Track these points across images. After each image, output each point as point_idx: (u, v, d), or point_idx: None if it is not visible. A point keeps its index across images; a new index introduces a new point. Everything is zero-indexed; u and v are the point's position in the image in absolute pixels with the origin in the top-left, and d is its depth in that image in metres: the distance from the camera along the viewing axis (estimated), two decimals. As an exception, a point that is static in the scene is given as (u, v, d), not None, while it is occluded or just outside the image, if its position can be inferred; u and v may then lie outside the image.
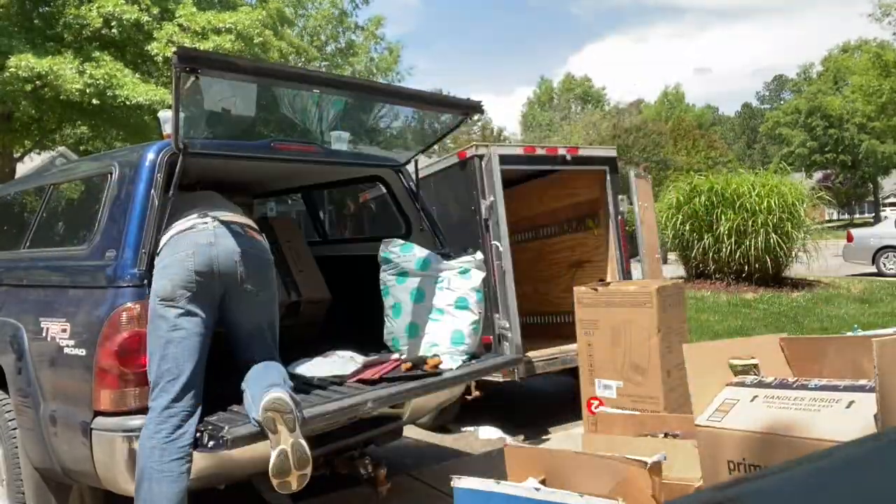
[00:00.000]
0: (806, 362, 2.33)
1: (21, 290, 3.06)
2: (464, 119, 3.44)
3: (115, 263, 2.50)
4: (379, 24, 27.65)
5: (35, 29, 12.77)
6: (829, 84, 41.57)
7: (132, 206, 2.57)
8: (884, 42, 31.73)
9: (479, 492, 2.28)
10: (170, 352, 2.31)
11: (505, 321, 4.34)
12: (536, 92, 57.53)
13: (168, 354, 2.31)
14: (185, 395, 2.29)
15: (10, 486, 2.84)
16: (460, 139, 27.53)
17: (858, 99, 31.21)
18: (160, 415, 2.26)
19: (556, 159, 4.98)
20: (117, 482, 2.40)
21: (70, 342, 2.50)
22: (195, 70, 2.30)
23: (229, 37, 12.86)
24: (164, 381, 2.29)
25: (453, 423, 4.59)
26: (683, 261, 11.00)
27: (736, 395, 2.24)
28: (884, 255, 13.52)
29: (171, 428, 2.24)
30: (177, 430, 2.25)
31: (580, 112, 45.64)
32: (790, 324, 7.55)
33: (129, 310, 2.39)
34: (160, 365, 2.31)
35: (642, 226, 5.36)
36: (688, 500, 0.46)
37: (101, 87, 12.11)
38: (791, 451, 1.88)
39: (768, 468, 0.45)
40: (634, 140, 29.09)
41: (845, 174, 42.20)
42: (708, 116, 63.74)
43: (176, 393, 2.28)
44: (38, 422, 2.60)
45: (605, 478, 2.21)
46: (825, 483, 0.45)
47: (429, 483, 3.55)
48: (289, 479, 2.19)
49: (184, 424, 2.27)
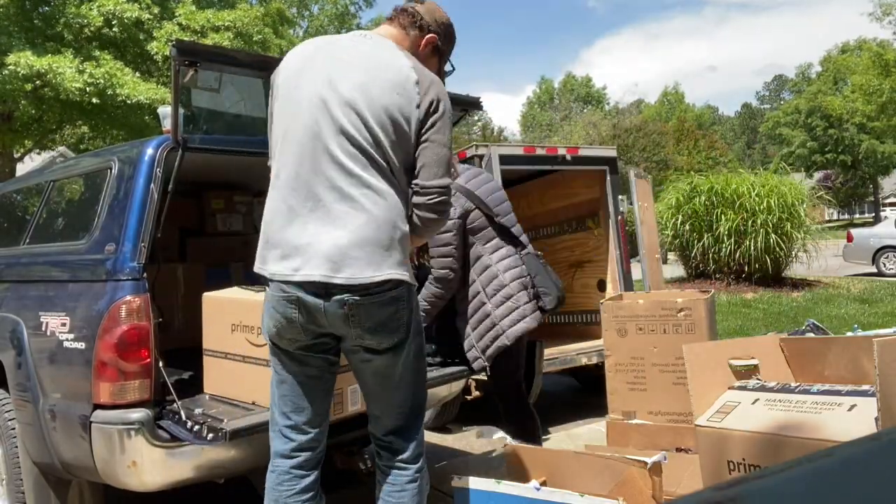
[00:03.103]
0: (806, 363, 2.33)
1: (21, 286, 3.06)
2: (463, 116, 3.43)
3: (114, 257, 2.50)
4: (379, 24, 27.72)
5: (35, 28, 12.77)
6: (829, 84, 41.59)
7: (132, 201, 2.57)
8: (884, 42, 31.77)
9: (479, 492, 2.28)
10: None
11: (505, 320, 4.33)
12: (536, 92, 57.55)
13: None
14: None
15: (10, 483, 2.84)
16: (460, 139, 27.53)
17: (858, 99, 31.22)
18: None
19: (556, 159, 4.98)
20: (117, 476, 2.39)
21: (69, 336, 2.50)
22: (195, 63, 2.30)
23: (228, 34, 12.87)
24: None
25: (453, 423, 4.59)
26: (683, 261, 11.01)
27: (737, 398, 2.24)
28: (884, 255, 13.53)
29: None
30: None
31: (581, 112, 45.65)
32: (790, 324, 7.55)
33: (129, 303, 2.39)
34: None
35: (642, 226, 5.36)
36: (688, 500, 0.46)
37: (101, 87, 12.11)
38: (792, 452, 1.87)
39: (768, 468, 0.45)
40: (634, 140, 29.08)
41: (845, 174, 42.22)
42: (708, 116, 63.75)
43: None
44: (38, 416, 2.60)
45: (606, 478, 2.21)
46: (825, 483, 0.45)
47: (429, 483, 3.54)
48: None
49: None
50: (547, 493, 2.17)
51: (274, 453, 2.08)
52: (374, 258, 1.87)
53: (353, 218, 1.87)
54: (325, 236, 1.87)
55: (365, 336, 1.94)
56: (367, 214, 1.87)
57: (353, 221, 1.87)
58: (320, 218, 1.88)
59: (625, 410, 3.24)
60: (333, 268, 1.85)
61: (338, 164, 1.89)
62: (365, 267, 1.85)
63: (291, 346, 2.00)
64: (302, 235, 1.89)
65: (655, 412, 3.14)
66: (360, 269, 1.85)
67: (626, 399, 3.23)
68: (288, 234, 1.90)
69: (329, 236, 1.87)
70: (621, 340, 3.26)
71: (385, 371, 2.02)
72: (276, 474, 2.06)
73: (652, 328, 3.20)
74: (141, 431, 2.32)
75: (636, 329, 3.22)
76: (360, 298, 1.87)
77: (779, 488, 0.44)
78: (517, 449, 2.57)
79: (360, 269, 1.85)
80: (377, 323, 1.92)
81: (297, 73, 2.00)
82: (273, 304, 1.95)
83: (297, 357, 2.02)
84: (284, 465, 2.05)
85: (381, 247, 1.88)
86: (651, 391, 3.17)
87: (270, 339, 2.03)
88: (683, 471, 2.53)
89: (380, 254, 1.87)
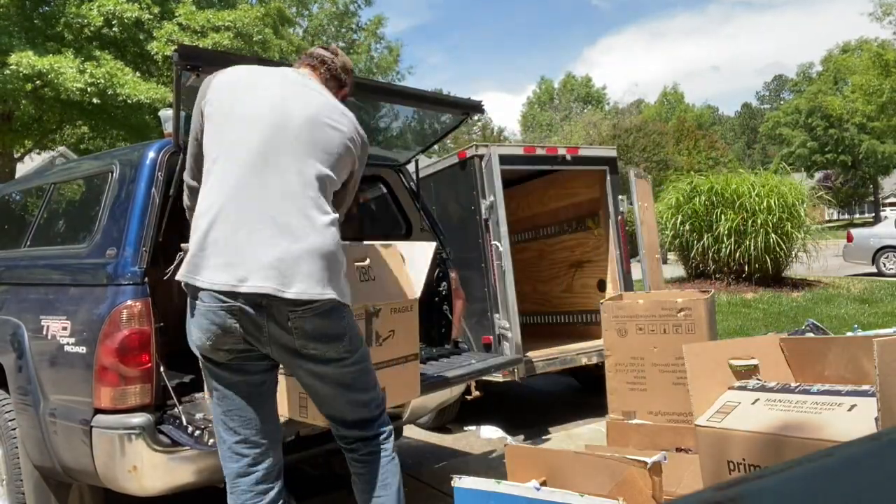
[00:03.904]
0: (806, 363, 2.33)
1: (22, 289, 3.06)
2: (464, 119, 3.44)
3: (115, 262, 2.50)
4: (380, 23, 27.76)
5: (35, 28, 12.77)
6: (830, 84, 41.58)
7: (133, 205, 2.58)
8: (885, 42, 31.76)
9: (479, 492, 2.28)
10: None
11: (505, 321, 4.34)
12: (536, 92, 57.54)
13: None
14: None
15: (10, 486, 2.84)
16: (460, 139, 27.56)
17: (858, 99, 31.22)
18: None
19: (556, 159, 4.98)
20: (117, 481, 2.39)
21: (70, 340, 2.50)
22: (196, 67, 2.30)
23: (228, 34, 12.88)
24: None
25: (453, 423, 4.59)
26: (683, 261, 11.00)
27: (737, 398, 2.24)
28: (884, 255, 13.53)
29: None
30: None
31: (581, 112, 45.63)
32: (790, 324, 7.54)
33: (130, 308, 2.39)
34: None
35: (642, 226, 5.36)
36: (688, 500, 0.46)
37: (101, 87, 12.12)
38: (792, 452, 1.87)
39: (768, 468, 0.45)
40: (634, 140, 29.07)
41: (845, 174, 42.21)
42: (708, 116, 63.75)
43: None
44: (38, 420, 2.60)
45: (606, 478, 2.21)
46: (825, 483, 0.45)
47: (429, 483, 3.55)
48: None
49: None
50: (547, 493, 2.17)
51: (228, 475, 2.01)
52: (324, 274, 1.90)
53: (306, 232, 1.89)
54: (275, 248, 1.85)
55: (308, 345, 1.94)
56: (318, 231, 1.90)
57: (307, 236, 1.88)
58: (270, 228, 1.86)
59: (625, 410, 3.24)
60: (284, 282, 1.84)
61: (301, 184, 1.92)
62: (315, 283, 1.87)
63: (227, 358, 1.96)
64: (249, 246, 1.86)
65: (655, 412, 3.14)
66: (310, 286, 1.87)
67: (626, 399, 3.24)
68: (233, 242, 1.86)
69: (279, 248, 1.85)
70: (621, 340, 3.26)
71: (333, 377, 2.03)
72: (236, 495, 1.99)
73: (652, 328, 3.20)
74: (142, 436, 2.32)
75: (636, 329, 3.23)
76: (302, 311, 1.88)
77: (779, 488, 0.44)
78: (517, 449, 2.58)
79: (310, 284, 1.87)
80: (320, 333, 1.93)
81: (245, 88, 2.02)
82: (205, 314, 1.89)
83: (236, 367, 1.98)
84: (244, 485, 1.99)
85: (331, 264, 1.93)
86: (651, 391, 3.17)
87: (202, 353, 1.97)
88: (683, 471, 2.53)
89: (330, 270, 1.92)
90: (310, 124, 1.99)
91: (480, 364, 3.40)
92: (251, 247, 1.85)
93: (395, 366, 2.51)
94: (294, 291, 1.84)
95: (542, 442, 4.26)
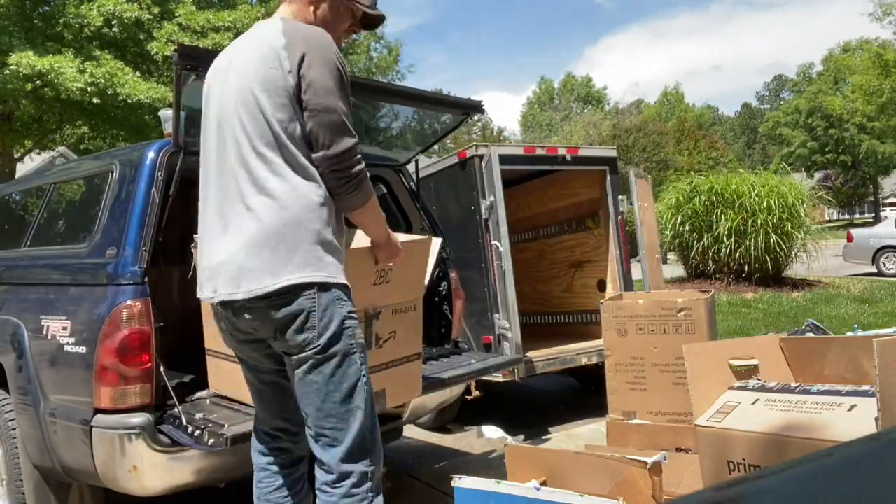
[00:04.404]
0: (806, 363, 2.33)
1: (22, 289, 3.06)
2: (464, 119, 3.44)
3: (115, 261, 2.50)
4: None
5: (35, 28, 12.78)
6: (830, 84, 41.59)
7: (133, 205, 2.58)
8: (885, 42, 31.77)
9: (479, 492, 2.28)
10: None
11: (505, 321, 4.34)
12: (536, 92, 57.57)
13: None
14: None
15: (10, 486, 2.84)
16: (460, 139, 27.55)
17: (859, 99, 31.24)
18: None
19: (556, 159, 4.98)
20: (117, 480, 2.40)
21: (71, 340, 2.50)
22: (196, 67, 2.30)
23: (228, 34, 12.88)
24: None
25: (453, 423, 4.59)
26: (683, 261, 11.01)
27: (737, 398, 2.24)
28: (884, 255, 13.53)
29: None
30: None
31: (581, 112, 45.64)
32: (790, 324, 7.54)
33: (130, 307, 2.39)
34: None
35: (642, 226, 5.36)
36: (688, 500, 0.46)
37: (101, 86, 12.13)
38: (792, 452, 1.87)
39: (768, 468, 0.45)
40: (635, 140, 29.08)
41: (845, 174, 42.22)
42: (708, 116, 63.77)
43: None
44: (39, 420, 2.60)
45: (606, 478, 2.21)
46: (825, 483, 0.45)
47: (429, 483, 3.55)
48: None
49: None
50: (547, 493, 2.17)
51: (253, 449, 2.12)
52: (271, 266, 1.73)
53: (248, 226, 1.76)
54: (223, 252, 1.81)
55: (274, 344, 1.84)
56: (257, 220, 1.75)
57: (247, 230, 1.76)
58: (224, 231, 1.83)
59: (625, 410, 3.24)
60: (234, 284, 1.78)
61: (237, 169, 1.81)
62: (262, 276, 1.73)
63: (244, 355, 2.03)
64: (214, 255, 1.85)
65: (655, 412, 3.14)
66: (256, 280, 1.74)
67: (626, 399, 3.24)
68: (206, 253, 1.90)
69: (226, 251, 1.80)
70: (621, 340, 3.26)
71: (303, 377, 1.81)
72: (256, 470, 2.10)
73: (652, 328, 3.20)
74: (142, 436, 2.32)
75: (636, 329, 3.23)
76: (259, 305, 1.76)
77: (779, 488, 0.44)
78: (517, 449, 2.58)
79: (256, 279, 1.74)
80: (278, 329, 1.78)
81: (214, 85, 1.97)
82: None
83: (250, 365, 2.04)
84: (261, 462, 2.08)
85: (279, 251, 1.74)
86: (651, 391, 3.17)
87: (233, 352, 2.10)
88: (683, 471, 2.53)
89: (279, 258, 1.73)
90: (239, 96, 1.80)
91: (480, 364, 3.40)
92: (212, 255, 1.86)
93: (395, 367, 2.51)
94: (244, 291, 1.76)
95: (542, 442, 4.26)
